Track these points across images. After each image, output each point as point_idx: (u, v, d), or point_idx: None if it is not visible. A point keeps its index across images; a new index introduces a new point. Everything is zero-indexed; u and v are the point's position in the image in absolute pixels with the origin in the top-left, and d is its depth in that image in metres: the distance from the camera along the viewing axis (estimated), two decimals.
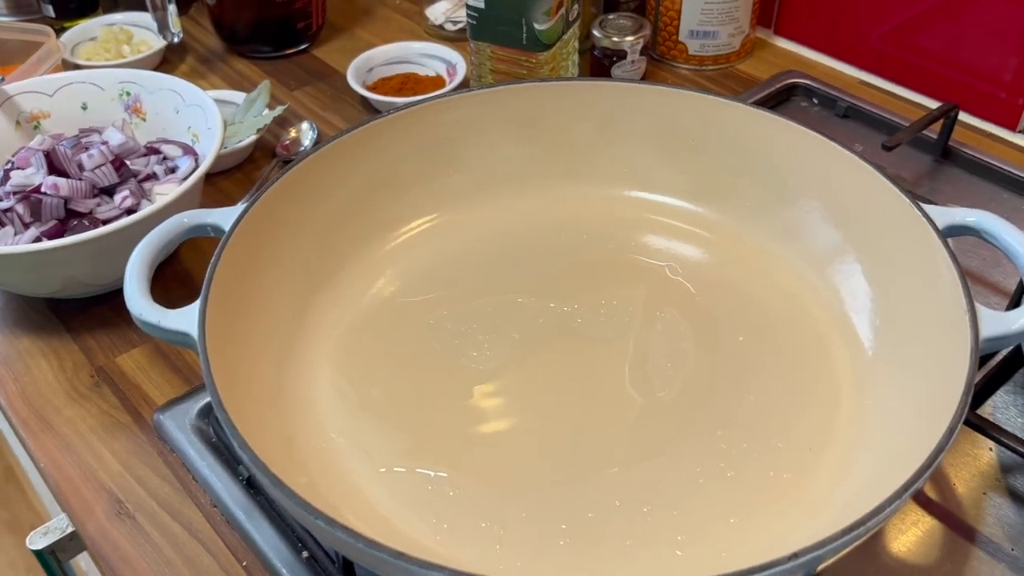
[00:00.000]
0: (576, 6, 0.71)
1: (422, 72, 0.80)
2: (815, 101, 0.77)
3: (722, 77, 0.81)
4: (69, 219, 0.57)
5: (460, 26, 0.87)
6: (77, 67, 0.79)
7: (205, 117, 0.61)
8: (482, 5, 0.68)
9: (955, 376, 0.38)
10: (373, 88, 0.78)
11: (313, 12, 0.84)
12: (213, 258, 0.44)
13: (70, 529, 0.61)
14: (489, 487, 0.43)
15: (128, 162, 0.60)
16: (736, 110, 0.53)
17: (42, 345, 0.58)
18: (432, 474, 0.43)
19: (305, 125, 0.74)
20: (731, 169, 0.54)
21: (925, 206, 0.45)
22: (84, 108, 0.65)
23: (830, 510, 0.40)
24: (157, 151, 0.62)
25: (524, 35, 0.68)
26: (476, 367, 0.48)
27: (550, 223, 0.56)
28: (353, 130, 0.51)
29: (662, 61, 0.83)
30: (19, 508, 1.75)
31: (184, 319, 0.41)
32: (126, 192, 0.58)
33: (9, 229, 0.57)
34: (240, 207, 0.46)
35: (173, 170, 0.61)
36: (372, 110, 0.78)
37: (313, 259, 0.50)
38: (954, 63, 0.73)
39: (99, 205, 0.57)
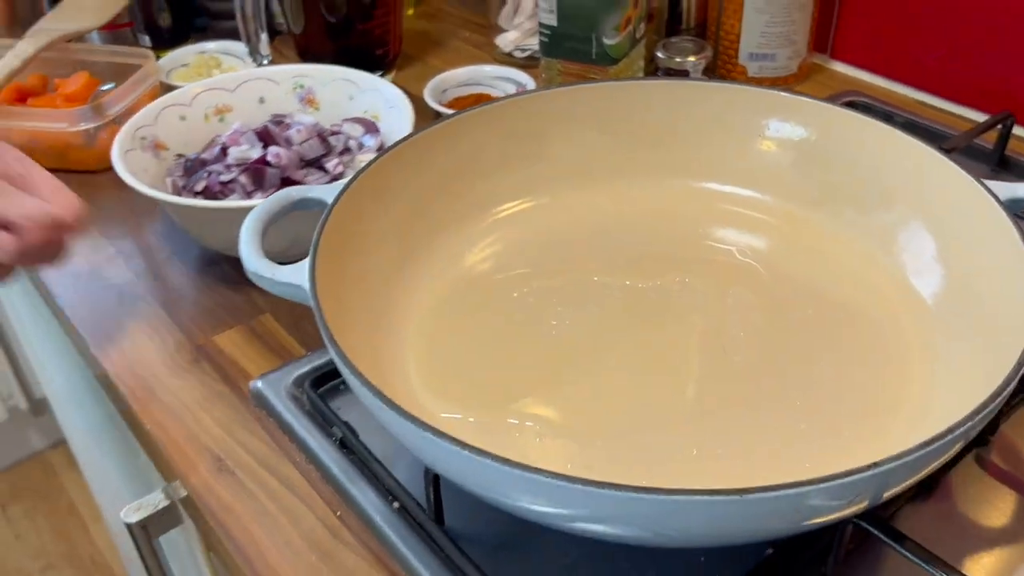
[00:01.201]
0: (642, 24, 0.75)
1: (494, 93, 0.84)
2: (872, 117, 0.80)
3: None
4: (284, 187, 0.63)
5: (528, 53, 0.91)
6: (171, 88, 0.85)
7: (384, 98, 0.69)
8: (555, 23, 0.73)
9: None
10: (448, 107, 0.82)
11: (390, 40, 0.89)
12: (319, 225, 0.48)
13: (163, 504, 0.64)
14: (574, 435, 0.45)
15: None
16: (801, 104, 0.57)
17: (145, 327, 0.62)
18: (518, 423, 0.46)
19: None
20: (795, 159, 0.57)
21: (987, 181, 0.48)
22: (261, 101, 0.72)
23: None
24: (338, 132, 0.68)
25: (594, 50, 0.72)
26: (557, 334, 0.51)
27: (627, 211, 0.59)
28: (446, 120, 0.56)
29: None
30: (80, 542, 1.79)
31: (296, 273, 0.45)
32: (336, 160, 0.65)
33: (235, 198, 0.63)
34: (342, 183, 0.50)
35: (360, 146, 0.68)
36: None
37: (408, 233, 0.54)
38: (1013, 81, 0.75)
39: (307, 176, 0.64)
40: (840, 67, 0.88)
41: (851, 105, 0.81)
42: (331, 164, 0.66)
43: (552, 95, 0.59)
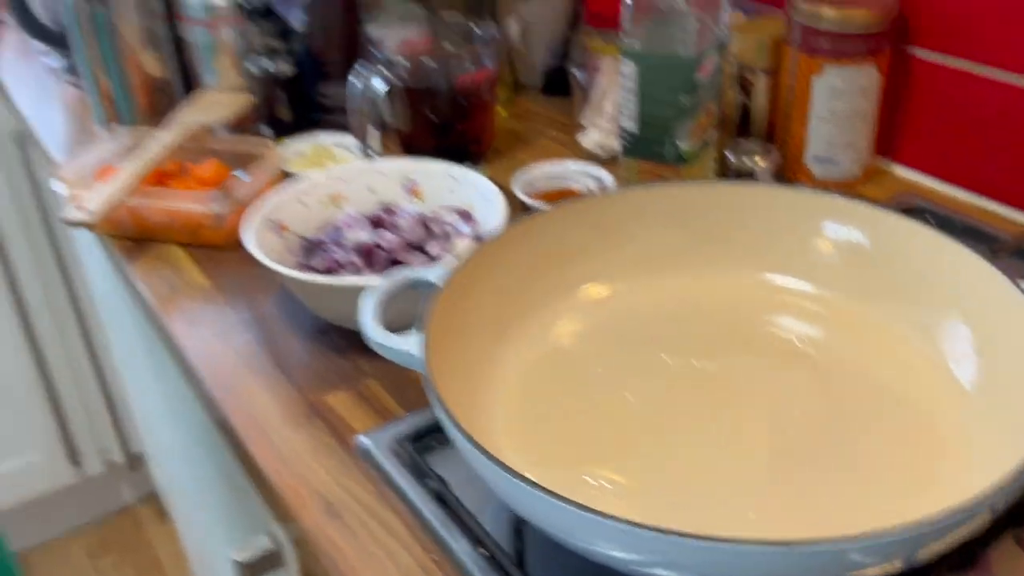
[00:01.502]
0: (713, 130, 0.83)
1: (576, 187, 0.92)
2: (931, 221, 0.85)
3: None
4: (393, 268, 0.73)
5: (608, 152, 1.00)
6: (290, 175, 0.95)
7: (480, 192, 0.78)
8: (635, 129, 0.81)
9: None
10: (535, 199, 0.91)
11: (484, 137, 0.99)
12: (429, 302, 0.56)
13: (267, 547, 0.72)
14: (641, 495, 0.52)
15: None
16: (855, 208, 0.63)
17: (264, 386, 0.70)
18: (593, 482, 0.52)
19: None
20: (850, 257, 0.64)
21: None
22: (371, 191, 0.82)
23: None
24: (439, 220, 0.78)
25: (669, 152, 0.80)
26: (629, 406, 0.58)
27: (698, 298, 0.66)
28: (541, 213, 0.64)
29: (788, 183, 0.93)
30: None
31: (408, 342, 0.53)
32: (436, 244, 0.75)
33: (348, 275, 0.72)
34: (449, 267, 0.58)
35: (457, 233, 0.77)
36: None
37: (501, 310, 0.62)
38: None
39: (411, 257, 0.74)
40: (903, 171, 0.94)
41: (910, 209, 0.86)
42: (432, 248, 0.74)
43: (635, 194, 0.66)
